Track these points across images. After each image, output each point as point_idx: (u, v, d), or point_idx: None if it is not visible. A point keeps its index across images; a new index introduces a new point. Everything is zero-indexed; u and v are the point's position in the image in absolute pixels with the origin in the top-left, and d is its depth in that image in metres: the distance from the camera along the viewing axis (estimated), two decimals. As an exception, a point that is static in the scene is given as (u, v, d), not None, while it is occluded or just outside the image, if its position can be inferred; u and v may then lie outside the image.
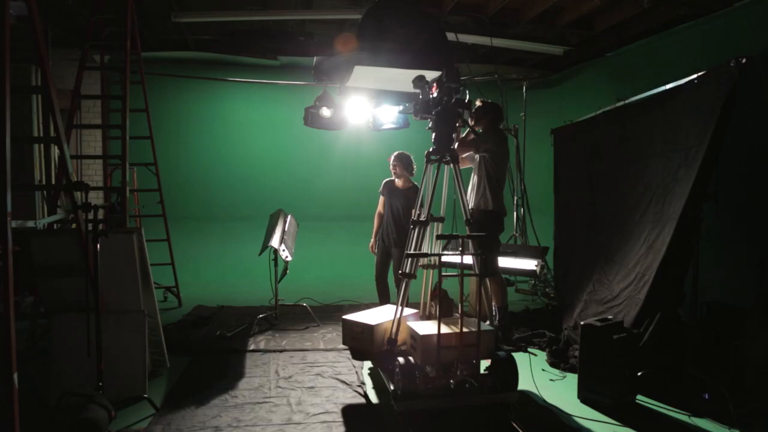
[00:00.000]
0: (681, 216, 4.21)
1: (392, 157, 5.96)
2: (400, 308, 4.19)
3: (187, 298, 7.33)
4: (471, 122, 4.76)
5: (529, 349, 5.19)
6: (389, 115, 6.50)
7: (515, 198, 7.67)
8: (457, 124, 4.40)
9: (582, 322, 4.27)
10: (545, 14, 7.65)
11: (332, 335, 5.82)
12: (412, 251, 4.09)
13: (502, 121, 5.29)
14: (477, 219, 4.58)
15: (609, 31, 8.09)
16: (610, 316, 4.42)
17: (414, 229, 4.24)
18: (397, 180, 6.00)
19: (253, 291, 7.75)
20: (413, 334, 3.97)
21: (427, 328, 3.96)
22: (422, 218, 4.19)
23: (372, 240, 6.16)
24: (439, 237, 3.67)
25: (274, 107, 9.46)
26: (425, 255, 3.79)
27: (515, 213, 7.61)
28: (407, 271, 4.12)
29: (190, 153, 9.28)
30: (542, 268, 6.27)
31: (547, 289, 7.59)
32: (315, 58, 6.27)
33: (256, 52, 9.02)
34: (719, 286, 4.93)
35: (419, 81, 4.37)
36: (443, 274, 3.79)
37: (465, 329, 3.83)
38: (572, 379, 4.66)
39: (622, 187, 5.30)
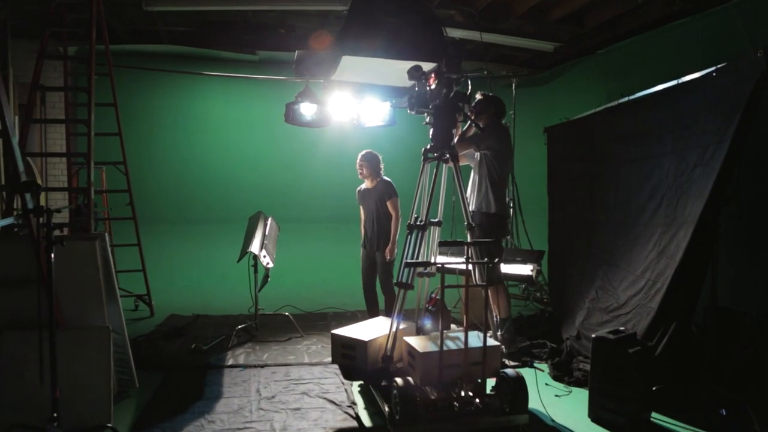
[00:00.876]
0: (700, 219, 3.85)
1: (359, 158, 5.54)
2: (395, 321, 3.76)
3: (160, 307, 6.80)
4: (471, 117, 4.35)
5: (534, 364, 4.77)
6: (375, 111, 6.15)
7: (507, 199, 7.25)
8: (458, 119, 3.99)
9: (594, 335, 3.89)
10: (535, 9, 7.30)
11: (317, 347, 5.37)
12: (410, 259, 3.66)
13: (504, 116, 4.88)
14: (479, 223, 4.17)
15: (600, 27, 7.78)
16: (621, 328, 4.05)
17: (410, 234, 3.81)
18: (365, 182, 5.60)
19: (230, 298, 7.25)
20: (411, 351, 3.54)
21: (427, 344, 3.55)
22: (420, 222, 3.77)
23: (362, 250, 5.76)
24: (442, 244, 3.24)
25: (252, 104, 8.94)
26: (427, 264, 3.36)
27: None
28: (404, 280, 3.69)
29: (163, 151, 8.70)
30: (538, 273, 5.90)
31: (538, 293, 7.23)
32: (297, 52, 5.86)
33: (233, 46, 8.51)
34: (738, 292, 4.61)
35: (415, 72, 3.95)
36: (446, 285, 3.37)
37: (461, 345, 3.42)
38: (579, 394, 4.29)
39: (626, 188, 4.95)
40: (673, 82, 4.34)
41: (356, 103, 6.11)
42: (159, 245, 8.19)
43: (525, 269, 5.87)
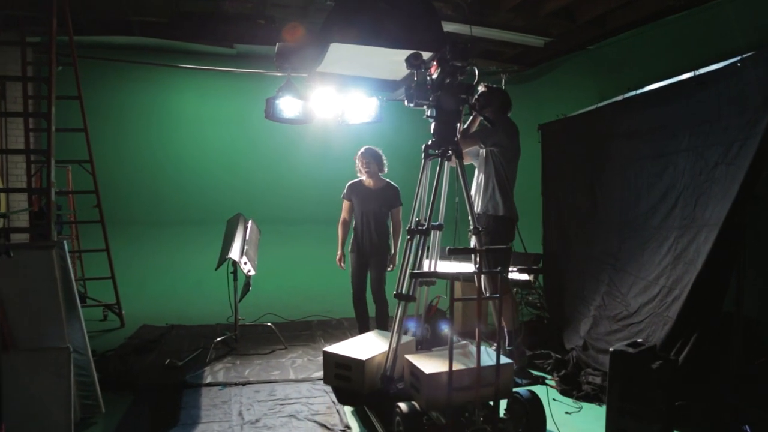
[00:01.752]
0: (725, 221, 3.51)
1: (360, 154, 5.10)
2: (396, 336, 3.34)
3: (131, 316, 6.26)
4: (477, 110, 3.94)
5: (546, 381, 4.36)
6: (360, 107, 5.75)
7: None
8: (463, 112, 3.58)
9: (612, 349, 3.52)
10: (526, 2, 6.94)
11: (303, 360, 4.92)
12: (413, 268, 3.23)
13: (510, 110, 4.46)
14: (485, 226, 3.75)
15: (592, 22, 7.46)
16: (639, 340, 3.68)
17: (411, 239, 3.39)
18: (365, 180, 5.13)
19: (207, 306, 6.74)
20: (415, 372, 3.12)
21: (433, 363, 3.13)
22: (422, 226, 3.35)
23: (339, 252, 5.27)
24: (452, 252, 2.83)
25: (230, 99, 8.40)
26: (435, 276, 2.93)
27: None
28: (406, 291, 3.26)
29: (134, 150, 8.11)
30: (536, 277, 5.53)
31: (530, 297, 6.88)
32: (277, 44, 5.43)
33: (209, 38, 7.97)
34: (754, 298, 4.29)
35: (414, 59, 3.53)
36: (457, 298, 2.95)
37: (472, 362, 3.01)
38: (589, 410, 3.94)
39: (634, 188, 4.60)
40: (689, 74, 3.99)
41: (341, 99, 5.76)
42: (130, 249, 7.65)
43: (522, 273, 5.48)
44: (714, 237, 3.58)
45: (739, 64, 3.56)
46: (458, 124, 3.61)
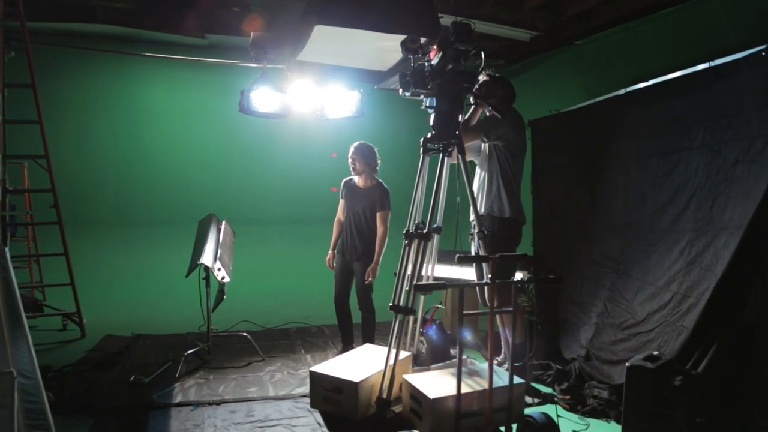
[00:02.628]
0: (750, 224, 3.19)
1: (351, 150, 4.66)
2: (393, 352, 2.93)
3: (94, 325, 5.71)
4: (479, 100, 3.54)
5: (556, 398, 3.96)
6: (341, 101, 5.41)
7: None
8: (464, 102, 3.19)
9: (628, 364, 3.19)
10: (513, -6, 6.62)
11: (282, 374, 4.47)
12: (412, 277, 2.82)
13: (515, 101, 4.07)
14: (490, 230, 3.35)
15: (578, 17, 7.17)
16: (655, 352, 3.35)
17: (409, 244, 2.99)
18: (356, 178, 4.70)
19: (178, 312, 6.23)
20: (417, 395, 2.72)
21: (436, 385, 2.73)
22: (421, 229, 2.95)
23: (329, 253, 4.82)
24: (463, 260, 2.43)
25: (202, 92, 7.86)
26: (443, 287, 2.53)
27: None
28: (404, 304, 2.86)
29: (97, 144, 7.50)
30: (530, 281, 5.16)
31: (519, 301, 6.54)
32: (252, 33, 5.00)
33: (178, 27, 7.44)
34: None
35: (411, 43, 3.14)
36: (467, 312, 2.55)
37: (479, 383, 2.63)
38: (598, 428, 3.60)
39: (638, 188, 4.27)
40: (704, 65, 3.67)
41: (320, 92, 5.40)
42: (94, 252, 7.09)
43: (516, 277, 5.11)
44: (736, 241, 3.26)
45: (763, 53, 3.25)
46: (460, 116, 3.21)
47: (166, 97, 7.78)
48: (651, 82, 4.17)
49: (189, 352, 4.65)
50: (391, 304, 2.95)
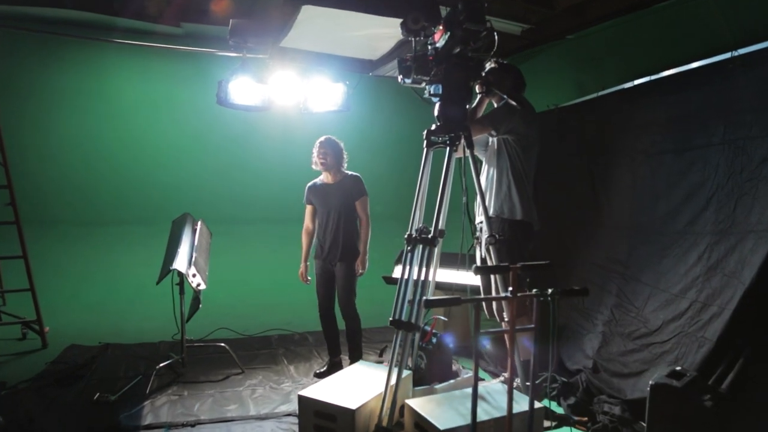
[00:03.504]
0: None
1: (318, 143, 4.27)
2: (394, 373, 2.55)
3: (57, 334, 5.22)
4: (479, 90, 3.18)
5: (571, 420, 3.56)
6: (326, 94, 4.98)
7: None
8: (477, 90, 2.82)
9: (652, 383, 2.86)
10: (504, -15, 6.27)
11: (264, 389, 4.06)
12: (422, 292, 2.44)
13: (525, 90, 3.69)
14: (500, 233, 2.96)
15: (571, 11, 6.86)
16: (677, 367, 3.02)
17: (411, 250, 2.62)
18: (324, 176, 4.31)
19: (149, 318, 5.76)
20: (424, 426, 2.35)
21: (444, 411, 2.36)
22: (426, 233, 2.57)
23: (301, 265, 4.43)
24: (480, 270, 2.06)
25: (177, 83, 7.33)
26: (457, 302, 2.14)
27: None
28: (409, 319, 2.48)
29: (62, 139, 6.93)
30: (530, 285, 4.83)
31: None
32: (231, 20, 4.62)
33: (152, 15, 6.94)
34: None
35: (413, 23, 2.76)
36: (486, 330, 2.18)
37: (493, 406, 2.27)
38: (612, 449, 3.26)
39: (648, 187, 3.97)
40: (726, 55, 3.37)
41: (303, 84, 5.06)
42: (59, 254, 6.58)
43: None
44: (767, 246, 2.96)
45: (797, 40, 2.95)
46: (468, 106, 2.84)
47: (138, 89, 7.25)
48: (664, 73, 3.86)
49: (161, 365, 4.20)
50: (391, 319, 2.58)
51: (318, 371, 4.33)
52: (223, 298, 6.36)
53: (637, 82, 4.13)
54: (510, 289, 2.16)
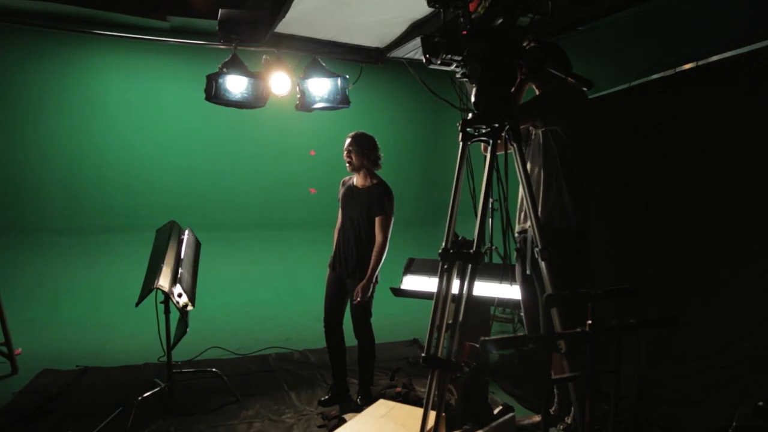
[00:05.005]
0: None
1: (347, 141, 3.69)
2: (431, 417, 2.01)
3: (30, 357, 4.64)
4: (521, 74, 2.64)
5: None
6: (323, 88, 4.59)
7: (491, 199, 5.59)
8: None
9: (736, 423, 2.33)
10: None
11: (262, 423, 3.49)
12: (461, 321, 1.90)
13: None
14: (553, 247, 2.35)
15: (579, 1, 6.38)
16: (760, 402, 2.49)
17: (449, 269, 2.07)
18: (355, 176, 3.75)
19: (133, 335, 5.20)
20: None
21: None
22: (468, 247, 2.03)
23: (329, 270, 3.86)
24: (555, 301, 1.51)
25: (164, 81, 6.77)
26: (523, 341, 1.58)
27: (491, 218, 5.54)
28: (446, 355, 1.93)
29: (42, 140, 6.34)
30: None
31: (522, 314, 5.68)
32: (221, 10, 4.12)
33: (137, 9, 6.37)
34: None
35: (444, -11, 2.21)
36: (558, 377, 1.64)
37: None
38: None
39: (701, 187, 3.45)
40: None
41: (299, 77, 4.56)
42: (30, 264, 6.00)
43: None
44: None
45: None
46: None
47: (122, 87, 6.67)
48: (720, 55, 3.33)
49: (144, 395, 3.62)
50: (424, 355, 2.03)
51: (323, 399, 3.77)
52: (214, 310, 5.82)
53: (681, 68, 3.61)
54: (589, 322, 1.63)
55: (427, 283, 4.89)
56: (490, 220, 5.22)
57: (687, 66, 3.60)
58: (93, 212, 6.61)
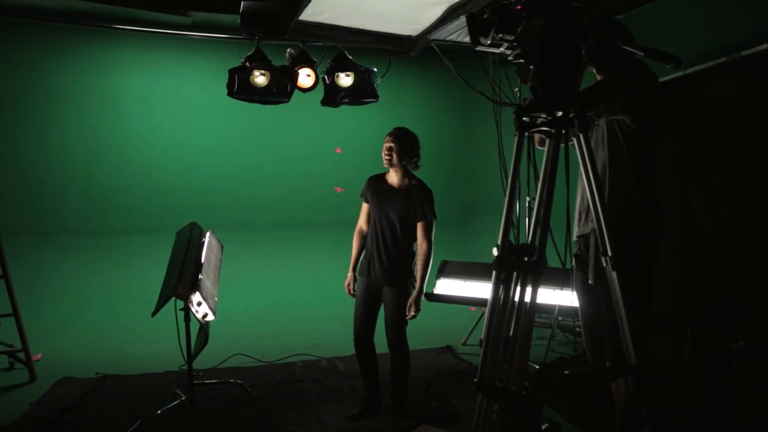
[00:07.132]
0: None
1: (390, 136, 3.38)
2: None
3: (49, 363, 4.46)
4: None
5: None
6: (351, 82, 4.51)
7: (528, 199, 5.25)
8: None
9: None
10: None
11: (290, 440, 3.23)
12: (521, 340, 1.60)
13: (636, 55, 2.65)
14: (624, 253, 2.00)
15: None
16: None
17: (506, 279, 1.77)
18: (390, 174, 3.45)
19: (155, 340, 4.99)
20: None
21: None
22: (531, 254, 1.74)
23: (349, 274, 3.57)
24: (662, 323, 1.16)
25: (185, 78, 6.54)
26: (620, 372, 1.29)
27: (526, 219, 5.21)
28: (506, 384, 1.64)
29: (62, 139, 6.16)
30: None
31: (560, 319, 5.35)
32: (243, 2, 3.91)
33: (158, 4, 6.19)
34: None
35: (495, -42, 1.90)
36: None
37: None
38: None
39: None
40: None
41: (325, 70, 4.49)
42: (52, 268, 5.83)
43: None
44: None
45: None
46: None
47: (143, 84, 6.47)
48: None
49: (164, 408, 3.39)
50: (477, 380, 1.74)
51: (353, 413, 3.49)
52: (237, 314, 5.59)
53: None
54: (689, 348, 1.32)
55: (463, 287, 4.60)
56: (526, 220, 4.89)
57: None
58: (113, 213, 6.43)
